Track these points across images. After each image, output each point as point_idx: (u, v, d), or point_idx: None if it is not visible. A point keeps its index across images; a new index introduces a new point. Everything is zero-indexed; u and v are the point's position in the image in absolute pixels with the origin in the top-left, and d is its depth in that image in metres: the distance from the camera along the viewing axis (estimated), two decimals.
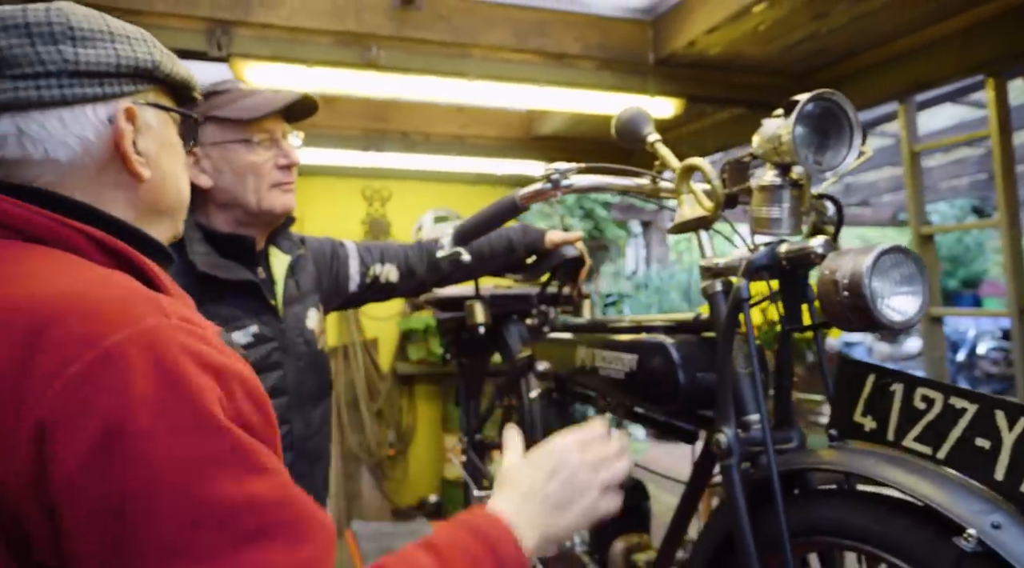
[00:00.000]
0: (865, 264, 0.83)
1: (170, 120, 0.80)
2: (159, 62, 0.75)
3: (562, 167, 1.16)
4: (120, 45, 0.72)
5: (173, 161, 0.80)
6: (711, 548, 1.10)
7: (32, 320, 0.58)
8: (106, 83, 0.72)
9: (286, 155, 1.39)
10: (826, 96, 0.94)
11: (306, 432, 1.42)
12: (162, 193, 0.79)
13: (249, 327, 1.33)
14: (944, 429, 0.79)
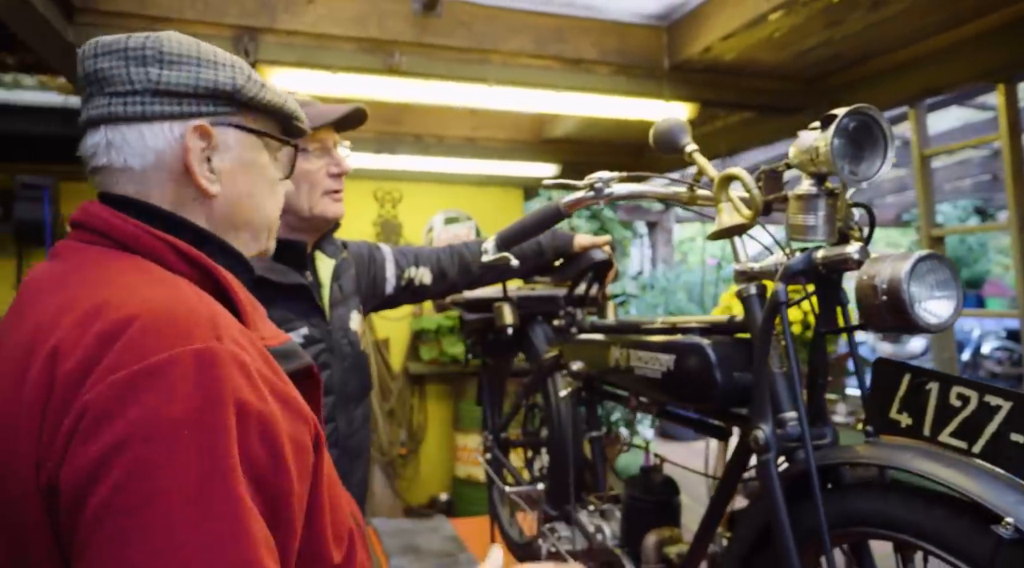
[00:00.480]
0: (904, 269, 0.89)
1: (259, 144, 0.85)
2: (241, 86, 0.80)
3: (605, 176, 1.21)
4: (204, 69, 0.78)
5: (253, 181, 0.85)
6: (748, 541, 1.15)
7: (110, 322, 0.63)
8: (184, 102, 0.78)
9: (338, 164, 1.45)
10: (863, 110, 1.00)
11: (348, 430, 1.47)
12: (236, 209, 0.83)
13: (300, 329, 1.39)
14: (979, 425, 0.84)
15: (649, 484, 1.49)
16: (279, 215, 0.92)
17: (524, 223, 1.29)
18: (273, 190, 0.89)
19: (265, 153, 0.86)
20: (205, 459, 0.58)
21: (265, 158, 0.86)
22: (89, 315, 0.64)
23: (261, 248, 0.90)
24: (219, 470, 0.58)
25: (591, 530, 1.63)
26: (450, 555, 2.71)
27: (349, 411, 1.49)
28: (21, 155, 4.06)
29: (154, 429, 0.58)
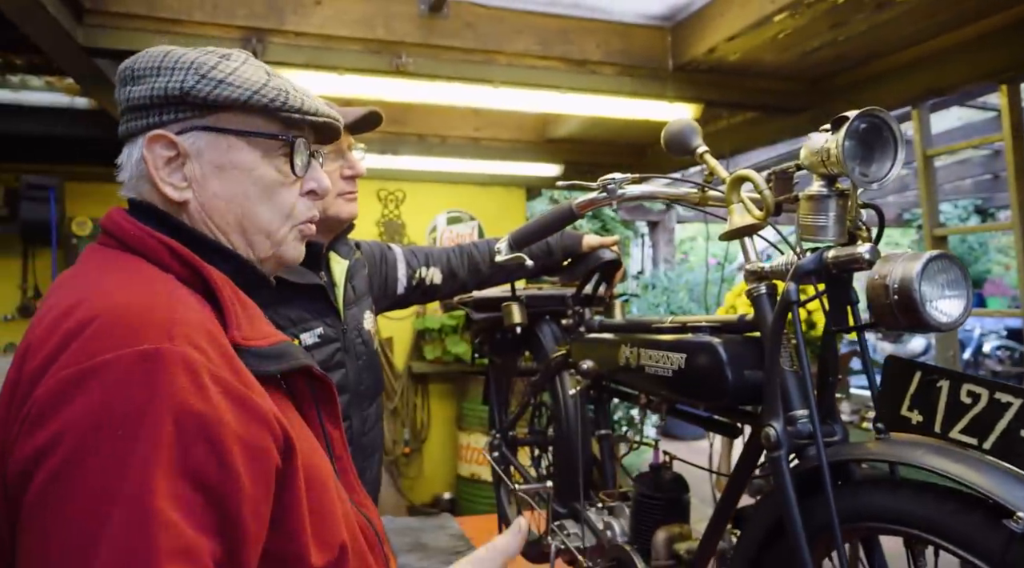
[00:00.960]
0: (915, 269, 0.90)
1: (240, 144, 0.81)
2: (190, 88, 0.77)
3: (617, 177, 1.22)
4: (160, 78, 0.78)
5: (231, 184, 0.81)
6: (758, 537, 1.17)
7: (75, 322, 0.65)
8: (149, 115, 0.79)
9: (351, 166, 1.46)
10: (874, 112, 1.01)
11: (362, 428, 1.49)
12: (212, 214, 0.81)
13: (315, 328, 1.40)
14: (990, 422, 0.86)
15: (659, 481, 1.51)
16: (294, 220, 0.87)
17: (537, 223, 1.31)
18: (269, 192, 0.84)
19: (251, 153, 0.81)
20: (128, 459, 0.58)
21: (250, 158, 0.81)
22: (64, 314, 0.67)
23: (261, 254, 0.85)
24: (139, 471, 0.58)
25: (600, 527, 1.64)
26: (457, 552, 2.73)
27: (363, 409, 1.50)
28: (27, 155, 4.08)
29: (86, 427, 0.59)
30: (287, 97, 0.81)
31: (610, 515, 1.65)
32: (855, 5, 2.25)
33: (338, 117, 0.89)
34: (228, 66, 0.79)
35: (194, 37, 2.40)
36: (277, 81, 0.82)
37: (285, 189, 0.85)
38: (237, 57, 0.83)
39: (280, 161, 0.84)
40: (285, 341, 0.80)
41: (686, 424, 1.53)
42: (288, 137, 0.83)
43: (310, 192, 0.89)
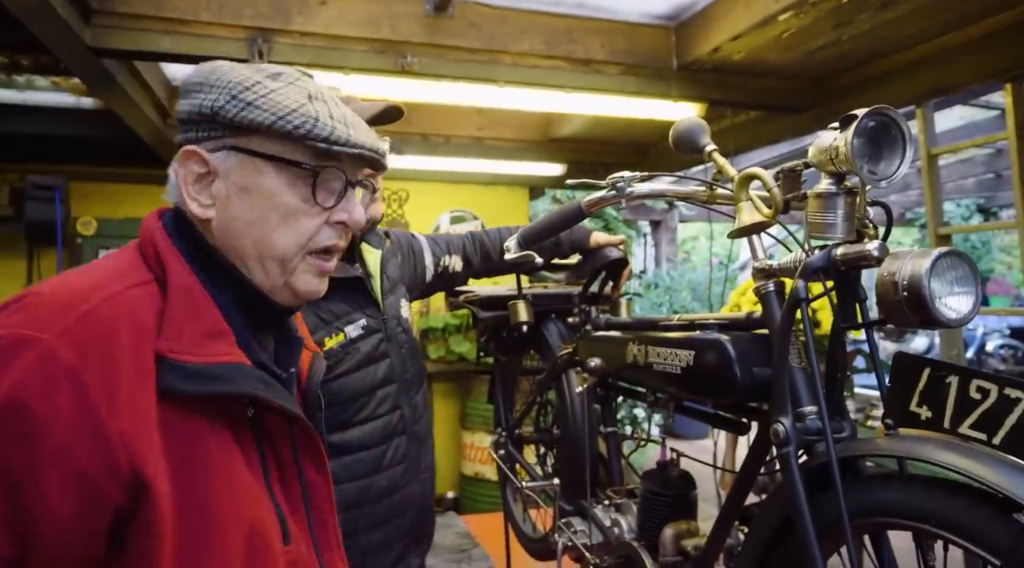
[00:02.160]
0: (924, 266, 0.91)
1: (266, 167, 0.78)
2: (220, 107, 0.76)
3: (627, 175, 1.23)
4: (202, 94, 0.78)
5: (251, 207, 0.79)
6: (766, 533, 1.17)
7: (18, 295, 0.69)
8: (190, 129, 0.80)
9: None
10: (882, 111, 1.02)
11: (413, 416, 1.51)
12: (230, 236, 0.79)
13: (358, 320, 1.41)
14: (999, 417, 0.86)
15: (667, 478, 1.51)
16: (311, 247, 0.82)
17: (546, 222, 1.32)
18: (288, 219, 0.80)
19: (277, 179, 0.79)
20: None
21: (275, 184, 0.79)
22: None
23: (274, 282, 0.82)
24: None
25: (607, 524, 1.65)
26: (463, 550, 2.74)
27: (411, 397, 1.52)
28: (33, 155, 4.09)
29: None
30: (315, 125, 0.77)
31: (617, 512, 1.66)
32: (860, 4, 2.26)
33: (377, 148, 0.84)
34: (266, 87, 0.77)
35: (200, 37, 2.40)
36: (315, 107, 0.78)
37: (306, 217, 0.81)
38: (288, 77, 0.80)
39: (306, 191, 0.80)
40: (236, 363, 0.74)
41: (690, 423, 1.55)
42: (312, 166, 0.79)
43: (339, 223, 0.84)
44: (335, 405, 1.35)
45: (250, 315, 0.81)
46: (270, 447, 0.79)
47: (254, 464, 0.76)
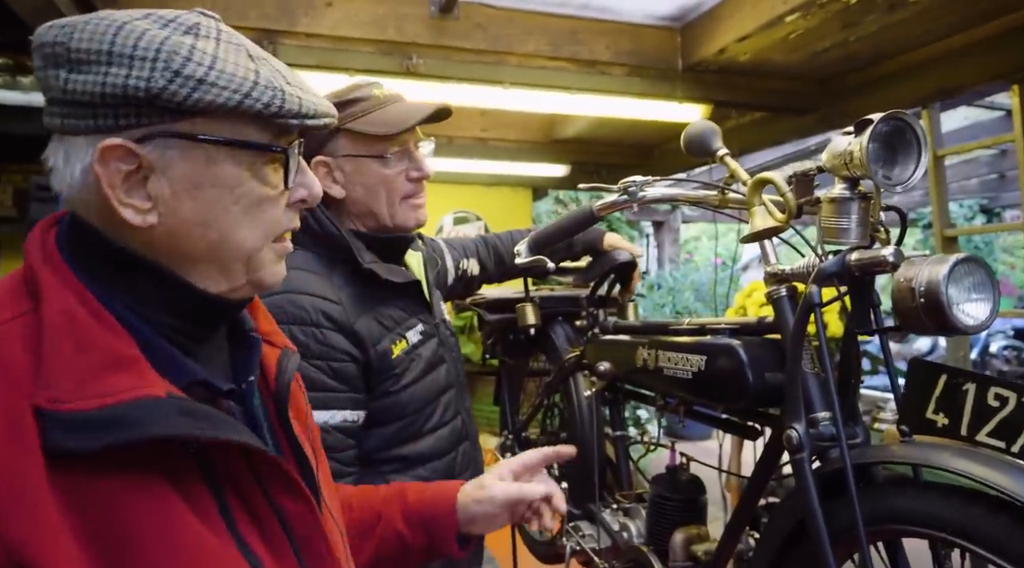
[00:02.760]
0: (942, 272, 0.90)
1: (224, 154, 0.65)
2: (161, 89, 0.60)
3: (638, 180, 1.23)
4: (114, 69, 0.60)
5: (210, 204, 0.65)
6: (778, 540, 1.17)
7: None
8: (99, 115, 0.61)
9: (418, 168, 1.35)
10: (897, 115, 1.01)
11: (467, 418, 1.48)
12: (177, 241, 0.65)
13: (416, 326, 1.35)
14: (1018, 425, 0.86)
15: (676, 483, 1.51)
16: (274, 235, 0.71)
17: (557, 226, 1.31)
18: (253, 211, 0.68)
19: (235, 166, 0.66)
20: None
21: (234, 173, 0.66)
22: None
23: (233, 283, 0.70)
24: None
25: (616, 528, 1.65)
26: None
27: (465, 400, 1.48)
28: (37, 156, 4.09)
29: None
30: (283, 98, 0.65)
31: (626, 516, 1.66)
32: (867, 6, 2.25)
33: (333, 112, 0.73)
34: (205, 53, 0.62)
35: None
36: (266, 71, 0.66)
37: (271, 204, 0.69)
38: (207, 30, 0.64)
39: (268, 172, 0.68)
40: (141, 399, 0.59)
41: (693, 424, 1.54)
42: (282, 148, 0.68)
43: (299, 201, 0.73)
44: (406, 415, 1.30)
45: (191, 326, 0.69)
46: (231, 488, 0.65)
47: (209, 514, 0.62)
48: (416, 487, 1.05)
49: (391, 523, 1.00)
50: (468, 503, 1.01)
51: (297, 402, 0.82)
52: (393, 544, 1.00)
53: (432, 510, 1.01)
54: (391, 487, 1.06)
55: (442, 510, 1.01)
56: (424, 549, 1.02)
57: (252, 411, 0.74)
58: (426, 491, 1.03)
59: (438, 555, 1.03)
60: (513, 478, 1.06)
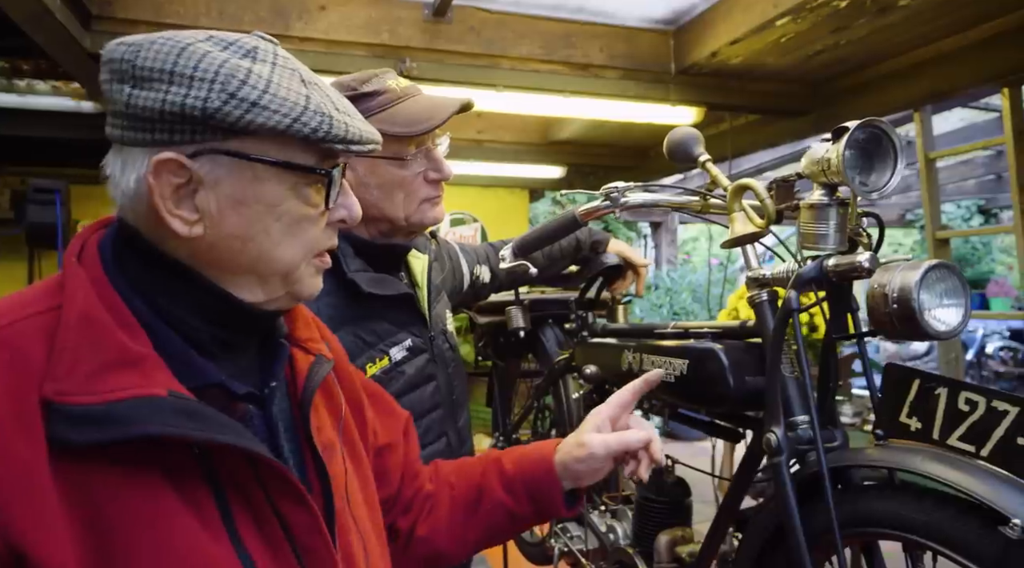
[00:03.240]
0: (914, 279, 0.92)
1: (269, 173, 0.68)
2: (216, 109, 0.63)
3: (620, 185, 1.24)
4: (174, 87, 0.63)
5: (251, 221, 0.69)
6: (759, 542, 1.18)
7: None
8: (156, 129, 0.65)
9: (438, 169, 1.27)
10: (874, 123, 1.03)
11: (459, 442, 1.37)
12: (226, 254, 0.69)
13: (403, 341, 1.26)
14: (987, 429, 0.87)
15: (661, 485, 1.52)
16: (314, 253, 0.75)
17: (541, 231, 1.33)
18: (293, 229, 0.71)
19: (279, 186, 0.69)
20: None
21: (277, 192, 0.69)
22: None
23: (271, 295, 0.73)
24: None
25: (603, 530, 1.66)
26: None
27: (457, 421, 1.37)
28: (34, 158, 4.11)
29: None
30: (331, 124, 0.68)
31: (613, 518, 1.67)
32: (857, 10, 2.27)
33: (378, 138, 0.75)
34: (260, 77, 0.65)
35: None
36: (317, 97, 0.69)
37: (311, 223, 0.72)
38: (264, 54, 0.69)
39: (310, 193, 0.71)
40: (142, 397, 0.61)
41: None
42: (325, 171, 0.71)
43: (339, 221, 0.77)
44: None
45: (227, 332, 0.72)
46: (235, 492, 0.66)
47: (208, 515, 0.64)
48: (511, 456, 1.03)
49: (494, 496, 1.00)
50: (570, 462, 0.99)
51: (334, 408, 0.83)
52: (501, 516, 1.00)
53: (532, 478, 1.00)
54: (487, 459, 1.04)
55: (543, 476, 1.00)
56: (533, 514, 1.02)
57: (271, 416, 0.75)
58: (523, 459, 1.02)
59: (549, 517, 1.04)
60: (611, 424, 1.04)
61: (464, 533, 1.01)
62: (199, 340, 0.70)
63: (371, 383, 1.03)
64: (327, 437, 0.79)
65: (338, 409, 0.84)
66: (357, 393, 0.92)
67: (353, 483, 0.82)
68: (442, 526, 1.00)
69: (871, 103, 2.92)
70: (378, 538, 0.85)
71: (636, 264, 1.78)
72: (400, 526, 0.99)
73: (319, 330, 0.91)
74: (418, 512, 1.01)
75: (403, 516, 1.00)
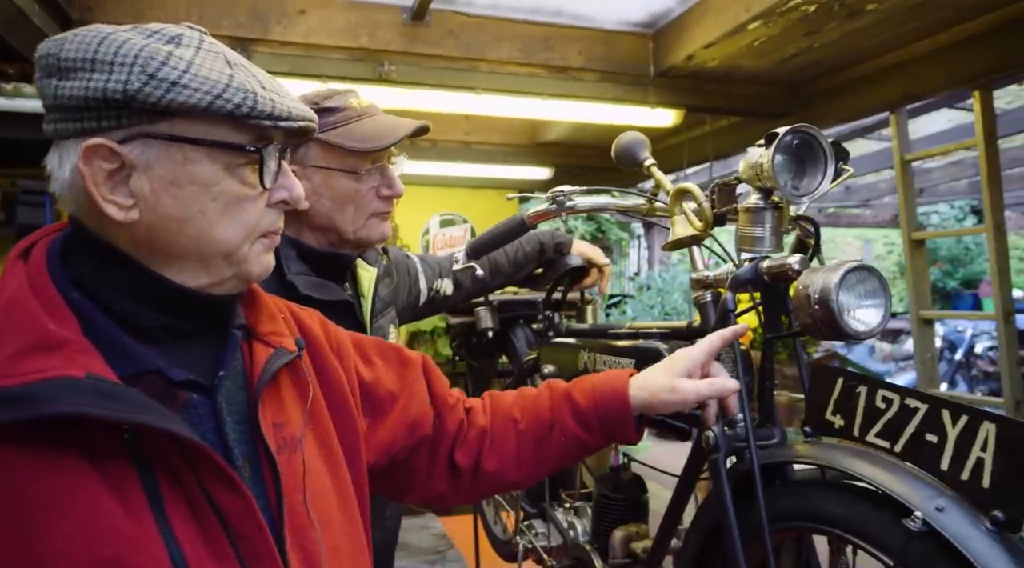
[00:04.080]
0: (833, 280, 0.95)
1: (200, 154, 0.69)
2: (136, 91, 0.65)
3: (566, 189, 1.27)
4: (96, 74, 0.65)
5: (187, 202, 0.70)
6: (701, 535, 1.21)
7: None
8: (84, 118, 0.67)
9: (390, 185, 1.32)
10: (803, 129, 1.06)
11: None
12: (163, 236, 0.70)
13: None
14: (900, 426, 0.90)
15: (617, 482, 1.55)
16: (258, 233, 0.76)
17: (491, 234, 1.36)
18: (232, 209, 0.72)
19: (212, 166, 0.70)
20: None
21: (210, 172, 0.70)
22: None
23: (217, 278, 0.75)
24: None
25: (565, 527, 1.69)
26: (439, 551, 2.78)
27: None
28: (23, 161, 4.14)
29: None
30: (255, 100, 0.69)
31: (574, 515, 1.70)
32: (826, 14, 2.29)
33: (314, 117, 0.77)
34: (181, 59, 0.67)
35: None
36: (242, 76, 0.70)
37: (250, 203, 0.74)
38: (189, 40, 0.69)
39: (246, 172, 0.72)
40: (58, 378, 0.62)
41: None
42: (257, 148, 0.72)
43: (281, 202, 0.77)
44: None
45: (175, 319, 0.73)
46: (166, 476, 0.66)
47: (132, 498, 0.64)
48: (581, 389, 1.07)
49: (566, 429, 1.05)
50: (654, 402, 1.04)
51: (302, 400, 0.83)
52: (572, 445, 1.06)
53: (606, 411, 1.05)
54: (555, 392, 1.09)
55: (616, 409, 1.05)
56: (605, 443, 1.09)
57: (217, 405, 0.75)
58: (595, 393, 1.06)
59: (617, 442, 1.13)
60: (700, 371, 1.08)
61: (534, 464, 1.07)
62: (143, 327, 0.71)
63: (379, 342, 1.06)
64: (290, 431, 0.79)
65: (305, 401, 0.83)
66: (341, 383, 0.91)
67: (319, 476, 0.82)
68: (510, 458, 1.06)
69: (847, 105, 2.95)
70: (350, 531, 0.85)
71: (598, 264, 1.81)
72: (460, 462, 1.04)
73: (321, 325, 0.94)
74: (478, 447, 1.05)
75: (460, 451, 1.05)
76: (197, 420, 0.72)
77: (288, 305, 0.94)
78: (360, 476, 0.91)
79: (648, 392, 1.05)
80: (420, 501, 1.10)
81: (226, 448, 0.73)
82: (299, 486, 0.77)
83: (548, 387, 1.11)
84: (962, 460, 0.82)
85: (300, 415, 0.82)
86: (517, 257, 1.78)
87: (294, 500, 0.76)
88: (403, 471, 1.04)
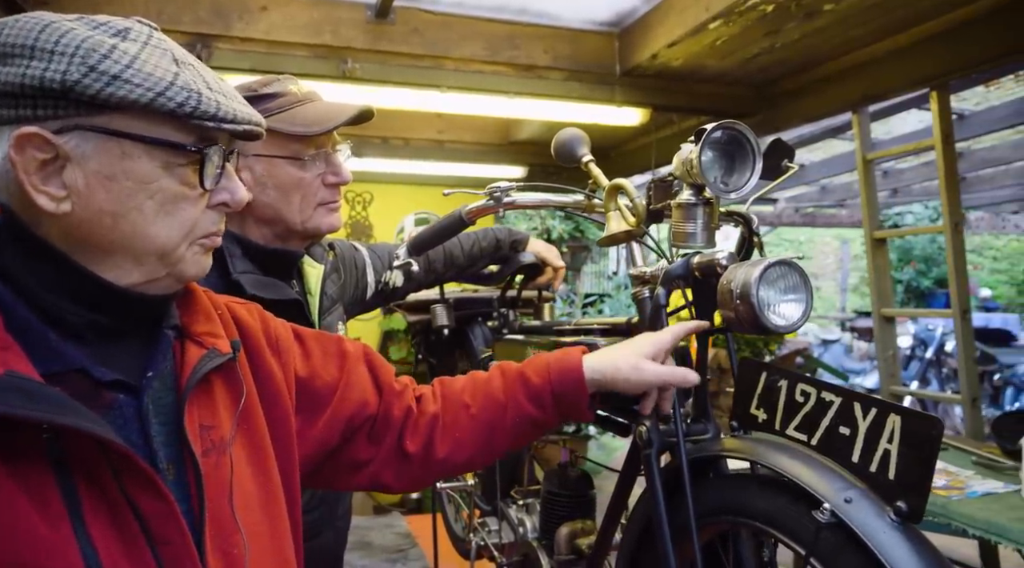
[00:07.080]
0: (754, 276, 0.95)
1: (138, 150, 0.68)
2: (75, 82, 0.64)
3: (503, 185, 1.27)
4: (35, 62, 0.64)
5: (121, 197, 0.69)
6: (637, 531, 1.22)
7: None
8: (20, 105, 0.65)
9: (336, 172, 1.29)
10: (729, 125, 1.06)
11: None
12: (92, 231, 0.69)
13: None
14: (816, 419, 0.91)
15: (564, 479, 1.55)
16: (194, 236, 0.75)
17: (432, 230, 1.36)
18: (168, 208, 0.71)
19: (150, 163, 0.69)
20: None
21: (148, 169, 0.69)
22: None
23: (150, 276, 0.73)
24: None
25: (516, 524, 1.69)
26: (401, 550, 2.78)
27: None
28: None
29: None
30: (199, 100, 0.68)
31: (525, 512, 1.70)
32: (784, 14, 2.31)
33: (261, 121, 0.76)
34: (126, 53, 0.66)
35: None
36: (188, 75, 0.69)
37: (188, 204, 0.73)
38: (137, 34, 0.69)
39: (185, 172, 0.71)
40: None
41: None
42: (199, 148, 0.71)
43: (221, 204, 0.76)
44: None
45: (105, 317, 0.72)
46: (84, 477, 0.65)
47: (48, 499, 0.63)
48: (535, 366, 1.06)
49: (520, 408, 1.05)
50: (616, 380, 1.04)
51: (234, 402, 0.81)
52: (526, 424, 1.06)
53: (561, 389, 1.04)
54: (507, 373, 1.07)
55: (571, 386, 1.04)
56: (556, 420, 1.08)
57: (143, 406, 0.73)
58: (549, 371, 1.05)
59: (571, 419, 1.14)
60: (664, 355, 1.07)
61: (489, 446, 1.06)
62: (70, 324, 0.69)
63: (320, 334, 1.03)
64: (219, 434, 0.78)
65: (237, 403, 0.82)
66: (276, 382, 0.90)
67: (246, 480, 0.80)
68: (465, 442, 1.05)
69: (810, 105, 2.97)
70: (276, 536, 0.83)
71: (551, 263, 1.81)
72: (409, 449, 1.03)
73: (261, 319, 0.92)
74: (428, 433, 1.04)
75: (410, 438, 1.03)
76: (122, 421, 0.71)
77: (227, 301, 0.92)
78: (291, 478, 0.89)
79: (612, 367, 1.04)
80: (366, 487, 1.08)
81: (151, 450, 0.72)
82: (225, 490, 0.76)
83: (500, 369, 1.10)
84: (871, 452, 0.83)
85: (231, 417, 0.81)
86: (472, 251, 1.78)
87: (219, 504, 0.75)
88: (344, 460, 1.02)
